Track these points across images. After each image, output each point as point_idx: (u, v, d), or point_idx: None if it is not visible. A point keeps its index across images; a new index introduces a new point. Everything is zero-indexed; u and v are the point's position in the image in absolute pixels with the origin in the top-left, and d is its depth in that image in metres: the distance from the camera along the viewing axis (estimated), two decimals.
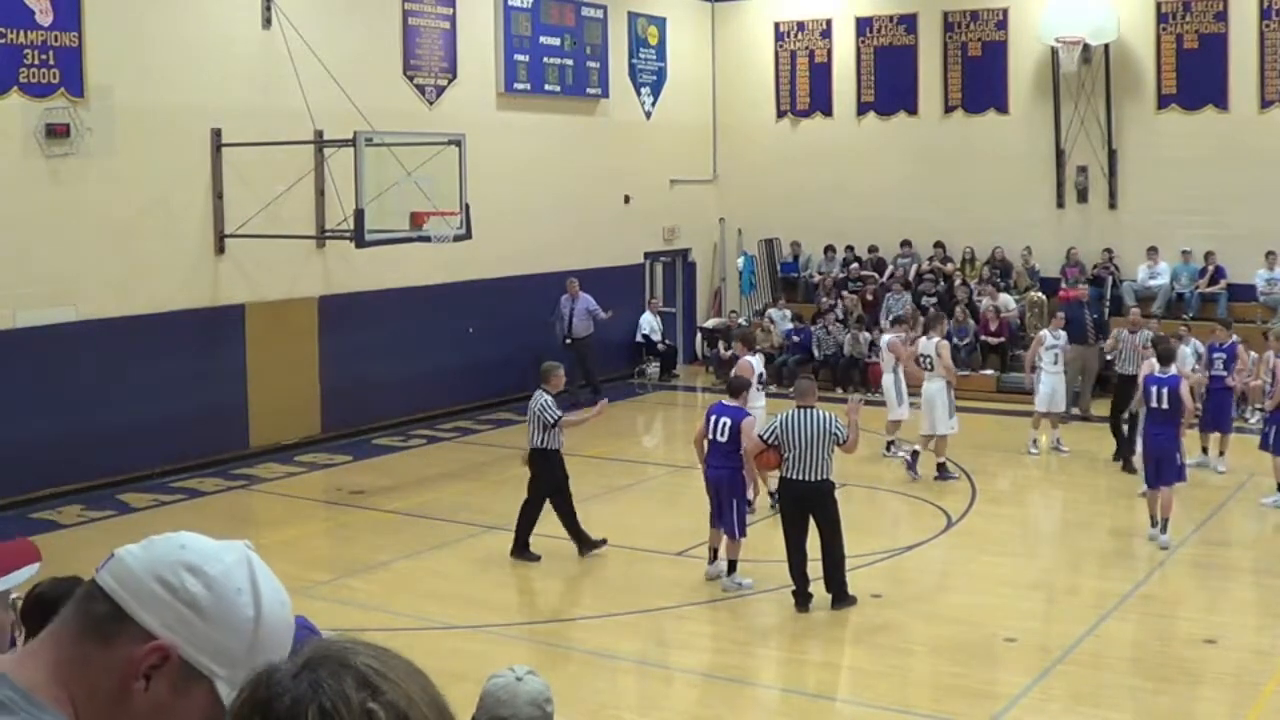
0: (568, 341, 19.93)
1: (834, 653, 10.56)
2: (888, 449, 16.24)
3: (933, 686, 9.25)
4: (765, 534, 13.25)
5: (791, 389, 12.33)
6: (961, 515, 13.76)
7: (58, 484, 14.03)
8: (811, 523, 10.73)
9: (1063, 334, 16.76)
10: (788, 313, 22.61)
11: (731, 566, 11.30)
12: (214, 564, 1.63)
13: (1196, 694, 9.33)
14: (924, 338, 15.56)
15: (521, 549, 12.15)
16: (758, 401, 13.26)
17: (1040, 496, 15.60)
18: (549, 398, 12.03)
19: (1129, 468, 14.80)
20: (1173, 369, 12.84)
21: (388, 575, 11.98)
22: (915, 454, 15.14)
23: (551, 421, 11.99)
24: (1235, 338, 16.12)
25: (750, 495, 12.58)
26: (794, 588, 10.72)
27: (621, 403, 21.14)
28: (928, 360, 15.20)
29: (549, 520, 13.68)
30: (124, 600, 1.61)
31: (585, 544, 12.23)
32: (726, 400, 11.68)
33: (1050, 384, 16.41)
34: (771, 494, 13.21)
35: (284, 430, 16.85)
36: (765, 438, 10.74)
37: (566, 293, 20.28)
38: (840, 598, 10.74)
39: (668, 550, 12.53)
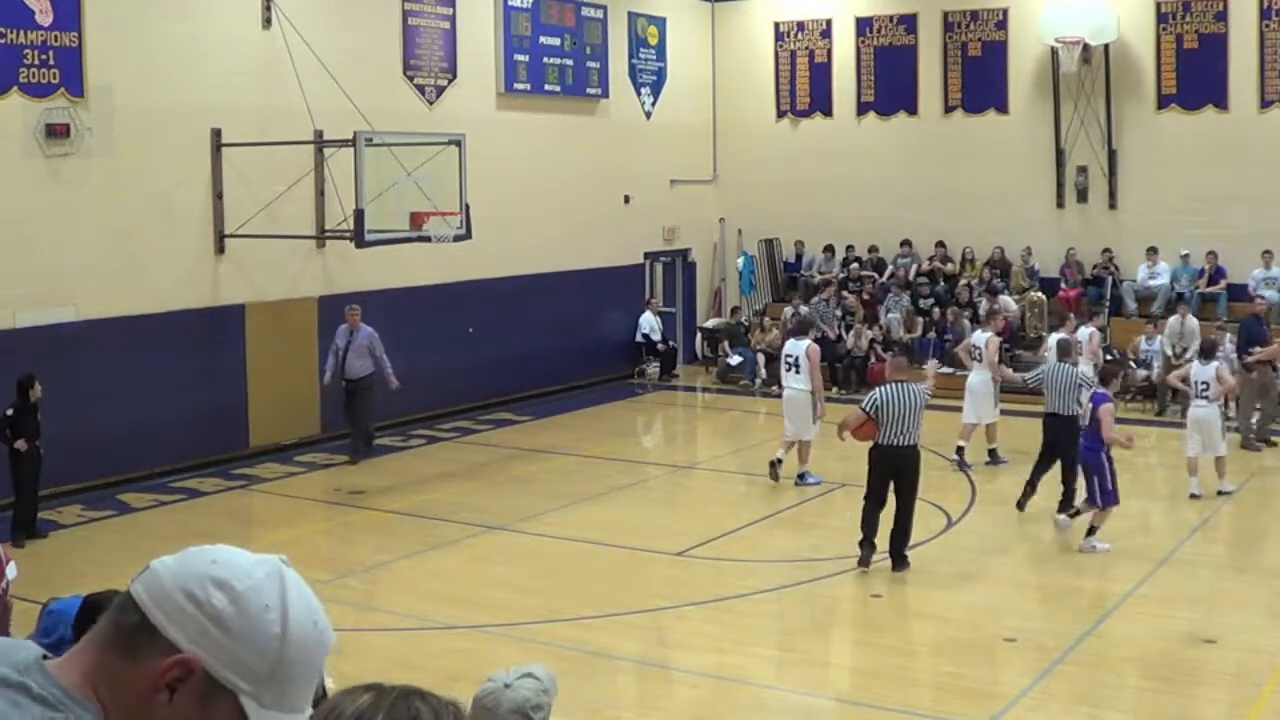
0: (342, 383, 16.45)
1: (834, 653, 10.56)
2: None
3: (933, 686, 9.25)
4: (764, 533, 13.28)
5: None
6: (961, 515, 13.76)
7: (58, 484, 14.02)
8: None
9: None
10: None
11: (1091, 530, 12.31)
12: (243, 579, 1.62)
13: (1196, 694, 9.33)
14: (978, 330, 16.84)
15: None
16: (796, 383, 15.08)
17: (1040, 496, 15.56)
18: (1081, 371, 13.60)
19: None
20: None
21: (388, 575, 11.99)
22: (961, 450, 15.86)
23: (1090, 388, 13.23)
24: None
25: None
26: (861, 537, 11.67)
27: (621, 403, 21.16)
28: (978, 352, 16.14)
29: (549, 520, 13.69)
30: (152, 613, 1.61)
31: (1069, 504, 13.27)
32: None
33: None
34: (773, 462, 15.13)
35: (284, 430, 16.85)
36: (865, 409, 11.71)
37: (344, 322, 16.57)
38: (899, 561, 11.65)
39: (668, 550, 12.52)
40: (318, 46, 16.32)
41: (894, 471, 11.66)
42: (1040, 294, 21.27)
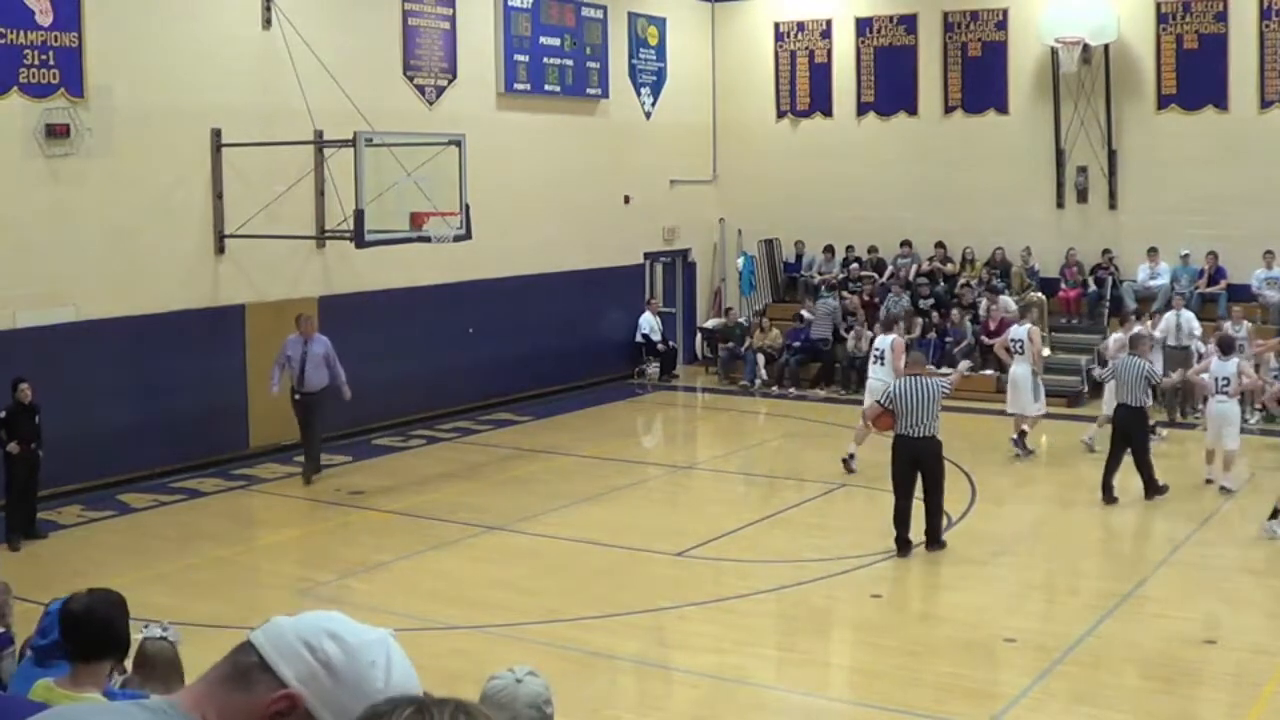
0: (296, 397, 15.36)
1: (834, 653, 10.57)
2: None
3: (933, 686, 9.24)
4: (764, 533, 13.28)
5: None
6: (961, 515, 13.75)
7: (58, 484, 14.02)
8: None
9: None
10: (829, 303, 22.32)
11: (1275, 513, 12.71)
12: (355, 635, 1.81)
13: (1196, 694, 9.32)
14: (1016, 324, 17.21)
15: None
16: (881, 375, 15.37)
17: (1040, 496, 15.59)
18: (1150, 364, 14.35)
19: None
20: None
21: (388, 575, 11.98)
22: (1022, 434, 16.43)
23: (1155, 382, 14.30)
24: None
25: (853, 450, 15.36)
26: (895, 534, 12.08)
27: (621, 403, 21.16)
28: (1019, 345, 16.62)
29: (549, 520, 13.70)
30: (267, 652, 1.79)
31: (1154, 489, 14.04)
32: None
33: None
34: (845, 459, 15.49)
35: (284, 430, 16.80)
36: (882, 402, 12.26)
37: (296, 332, 15.47)
38: (934, 541, 12.19)
39: (668, 550, 12.52)
40: (318, 46, 16.32)
41: (914, 463, 12.07)
42: (1040, 294, 21.26)
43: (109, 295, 14.91)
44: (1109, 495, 14.02)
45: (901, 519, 12.14)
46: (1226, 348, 15.16)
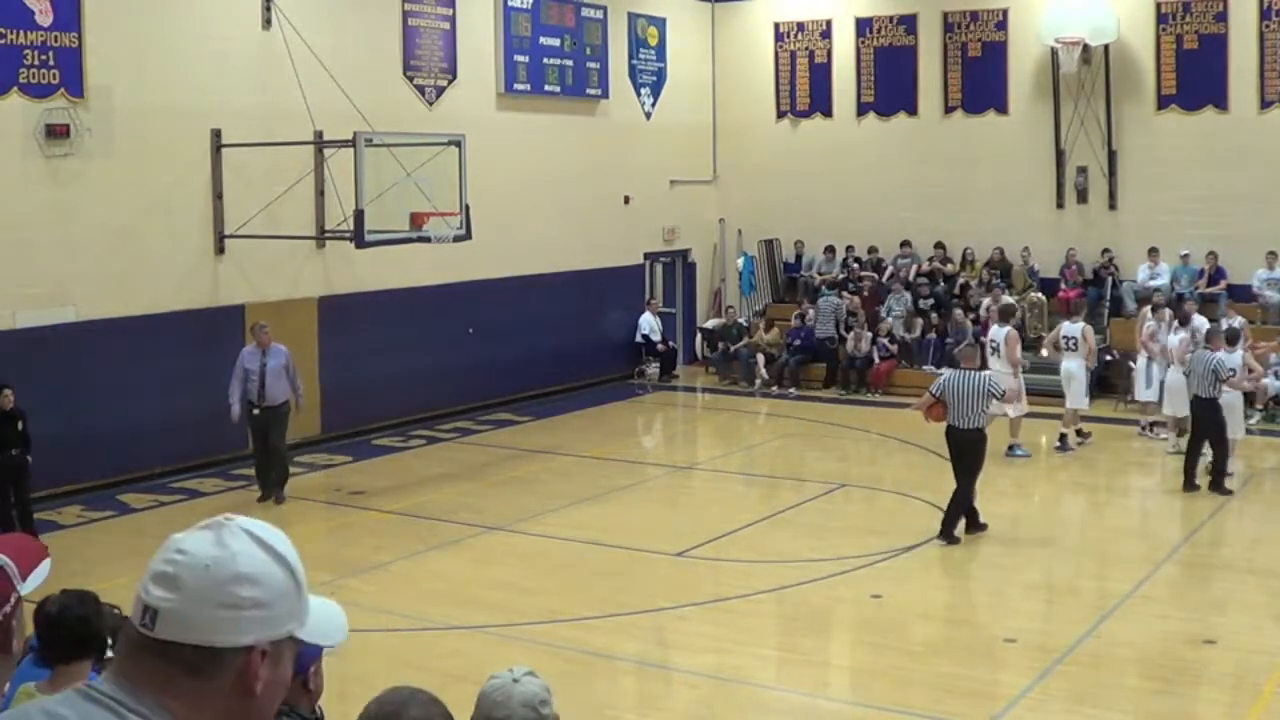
0: (255, 411, 14.28)
1: (834, 653, 10.57)
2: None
3: (933, 686, 9.24)
4: (764, 534, 13.27)
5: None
6: None
7: (58, 484, 14.02)
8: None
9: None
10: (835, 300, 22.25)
11: None
12: (241, 561, 1.78)
13: (1196, 694, 9.32)
14: (1068, 321, 17.68)
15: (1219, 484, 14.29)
16: (997, 366, 15.81)
17: (1040, 496, 15.59)
18: (1221, 357, 14.45)
19: None
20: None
21: (388, 575, 11.98)
22: (1064, 436, 16.88)
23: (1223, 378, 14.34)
24: None
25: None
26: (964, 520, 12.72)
27: (621, 403, 21.16)
28: (1072, 341, 17.13)
29: (549, 520, 13.70)
30: (210, 640, 1.75)
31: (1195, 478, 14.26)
32: None
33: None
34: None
35: None
36: (934, 392, 12.74)
37: (252, 343, 14.54)
38: (946, 534, 12.52)
39: (668, 550, 12.52)
40: (318, 46, 16.32)
41: (957, 451, 12.68)
42: (1040, 294, 21.26)
43: (109, 295, 14.91)
44: (1190, 483, 14.32)
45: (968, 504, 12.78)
46: (1233, 340, 15.43)
